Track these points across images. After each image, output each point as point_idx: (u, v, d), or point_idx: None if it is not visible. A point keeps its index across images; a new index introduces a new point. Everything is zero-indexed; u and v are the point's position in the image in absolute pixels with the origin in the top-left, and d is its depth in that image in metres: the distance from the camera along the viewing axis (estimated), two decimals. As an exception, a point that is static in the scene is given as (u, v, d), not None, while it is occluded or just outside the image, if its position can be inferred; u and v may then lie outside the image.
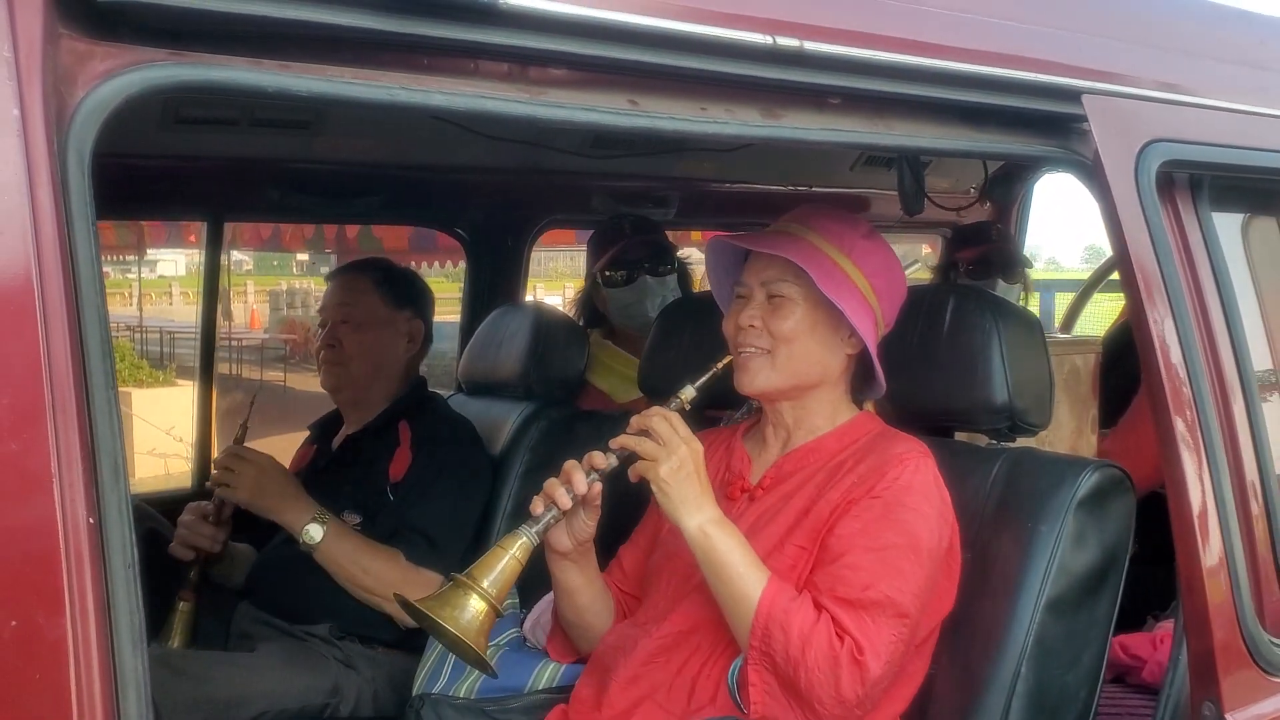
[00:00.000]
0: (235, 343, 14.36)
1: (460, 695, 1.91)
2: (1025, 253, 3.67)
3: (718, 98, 1.37)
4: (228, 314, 13.70)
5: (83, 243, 0.95)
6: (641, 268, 2.95)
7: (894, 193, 2.59)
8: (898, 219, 3.34)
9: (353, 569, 2.27)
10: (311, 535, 2.25)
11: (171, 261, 28.73)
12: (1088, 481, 1.73)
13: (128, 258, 14.36)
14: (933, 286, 3.21)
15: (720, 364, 1.74)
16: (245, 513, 2.37)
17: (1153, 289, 1.63)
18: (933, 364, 1.88)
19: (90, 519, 0.93)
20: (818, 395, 1.76)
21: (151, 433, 7.78)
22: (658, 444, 1.61)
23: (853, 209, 3.43)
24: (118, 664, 0.94)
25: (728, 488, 1.78)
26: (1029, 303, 3.66)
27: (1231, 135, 1.83)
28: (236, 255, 16.50)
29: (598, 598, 1.82)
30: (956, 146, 1.65)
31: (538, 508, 1.64)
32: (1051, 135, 1.66)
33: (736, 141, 1.99)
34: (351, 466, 2.50)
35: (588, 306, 3.13)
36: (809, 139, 1.48)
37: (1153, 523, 1.79)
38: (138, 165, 2.50)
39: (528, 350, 2.66)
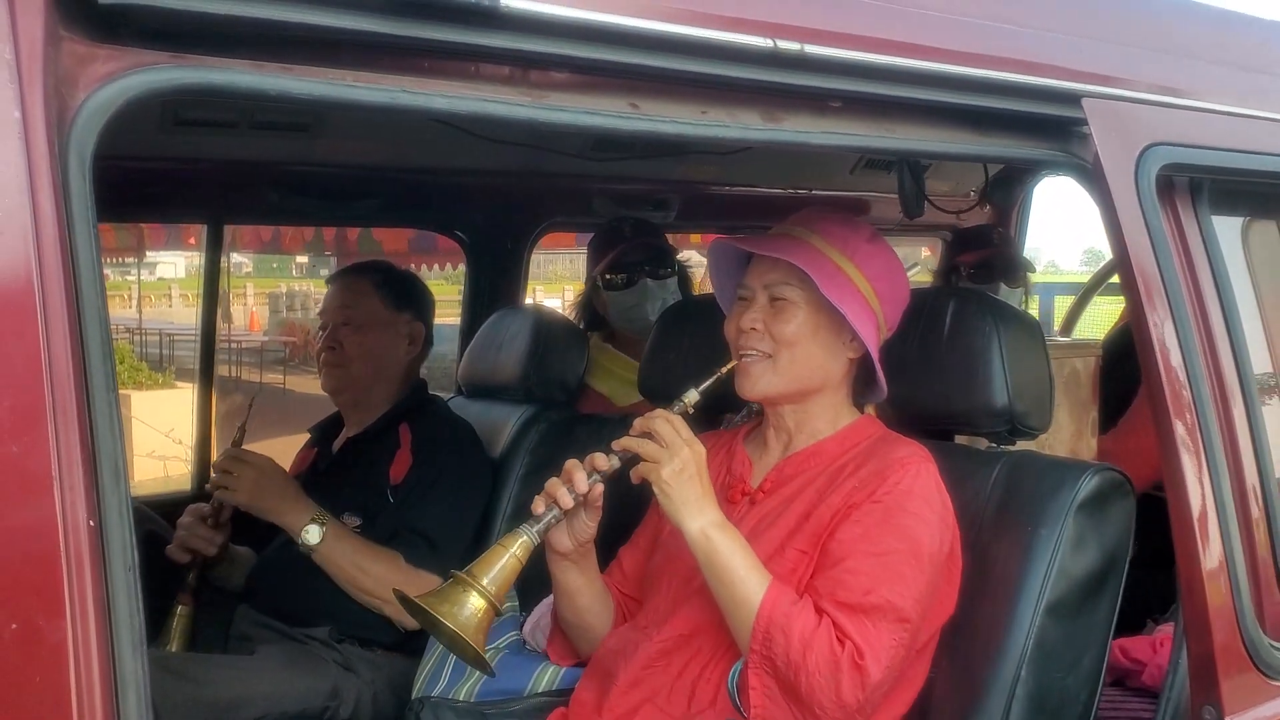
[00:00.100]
0: (235, 345, 14.35)
1: (460, 698, 1.91)
2: (1025, 256, 3.67)
3: (719, 101, 1.37)
4: (227, 316, 13.68)
5: (83, 245, 0.95)
6: (642, 271, 2.94)
7: (894, 196, 2.58)
8: (898, 222, 3.33)
9: (352, 571, 2.27)
10: (310, 537, 2.25)
11: (171, 264, 28.75)
12: (1088, 485, 1.73)
13: (127, 260, 14.36)
14: (933, 290, 3.21)
15: (724, 369, 1.74)
16: (245, 515, 2.37)
17: (1153, 292, 1.63)
18: (933, 367, 1.88)
19: (91, 521, 0.93)
20: (819, 399, 1.76)
21: (151, 435, 7.78)
22: (660, 446, 1.61)
23: (853, 212, 3.42)
24: (118, 666, 0.94)
25: (729, 491, 1.78)
26: (1029, 306, 3.66)
27: (1232, 139, 1.83)
28: (236, 258, 16.53)
29: (598, 599, 1.82)
30: (957, 150, 1.65)
31: (539, 507, 1.64)
32: (1052, 138, 1.66)
33: (737, 145, 1.98)
34: (352, 469, 2.50)
35: (587, 309, 3.11)
36: (810, 142, 1.47)
37: (1153, 525, 1.78)
38: (138, 168, 2.51)
39: (527, 353, 2.66)
